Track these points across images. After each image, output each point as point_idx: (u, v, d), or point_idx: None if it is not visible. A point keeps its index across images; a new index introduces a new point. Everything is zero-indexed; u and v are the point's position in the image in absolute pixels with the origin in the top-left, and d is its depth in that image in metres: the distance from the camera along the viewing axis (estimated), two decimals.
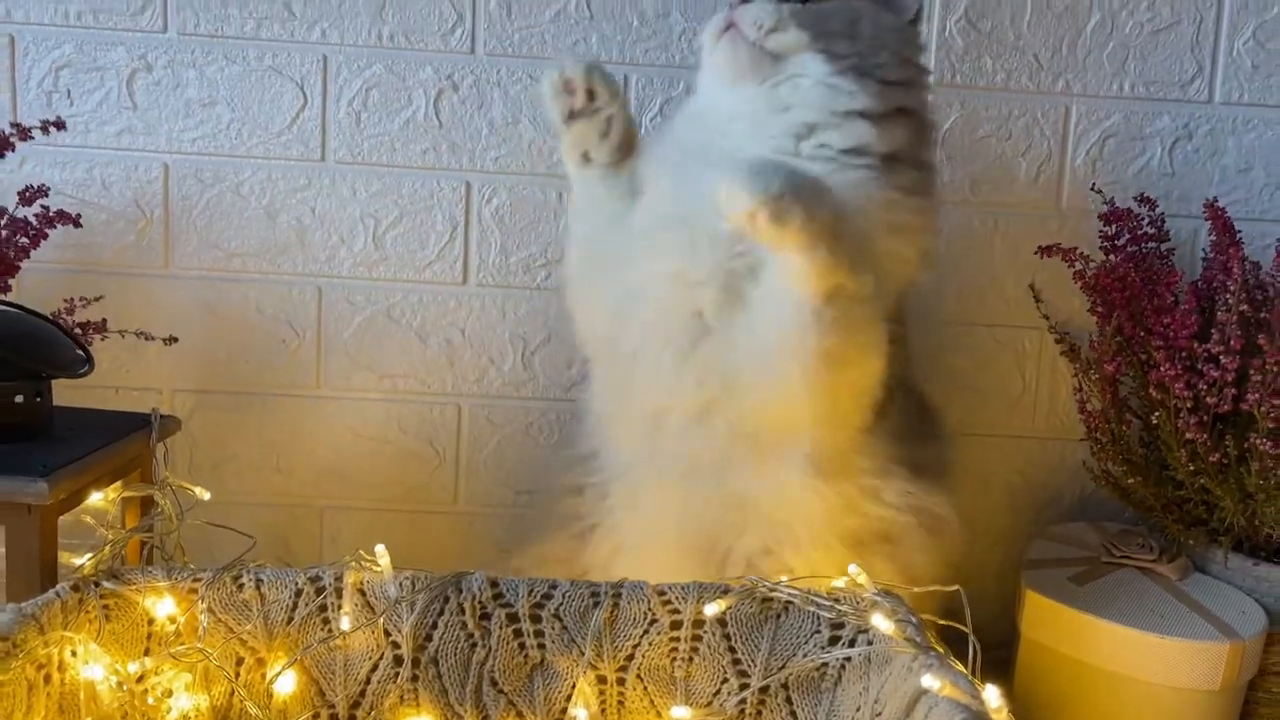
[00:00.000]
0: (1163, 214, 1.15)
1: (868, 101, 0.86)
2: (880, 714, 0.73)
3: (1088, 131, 1.22)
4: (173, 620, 0.80)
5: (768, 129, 0.88)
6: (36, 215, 0.99)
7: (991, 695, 0.63)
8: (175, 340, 1.11)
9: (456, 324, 1.24)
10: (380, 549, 0.82)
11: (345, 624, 0.80)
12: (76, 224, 1.00)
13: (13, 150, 1.03)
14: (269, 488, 1.26)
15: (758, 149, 0.87)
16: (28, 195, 1.00)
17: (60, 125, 1.05)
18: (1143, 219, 1.14)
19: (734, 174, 0.75)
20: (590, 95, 0.93)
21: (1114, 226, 1.13)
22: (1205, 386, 1.03)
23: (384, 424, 1.25)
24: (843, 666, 0.78)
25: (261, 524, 1.24)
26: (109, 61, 1.18)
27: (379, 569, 0.81)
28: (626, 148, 0.97)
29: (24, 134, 1.03)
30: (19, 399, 0.84)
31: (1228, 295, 1.03)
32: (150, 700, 0.77)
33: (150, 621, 0.79)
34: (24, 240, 0.97)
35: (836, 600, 0.79)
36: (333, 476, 1.26)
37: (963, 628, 0.77)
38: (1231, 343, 1.01)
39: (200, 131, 1.19)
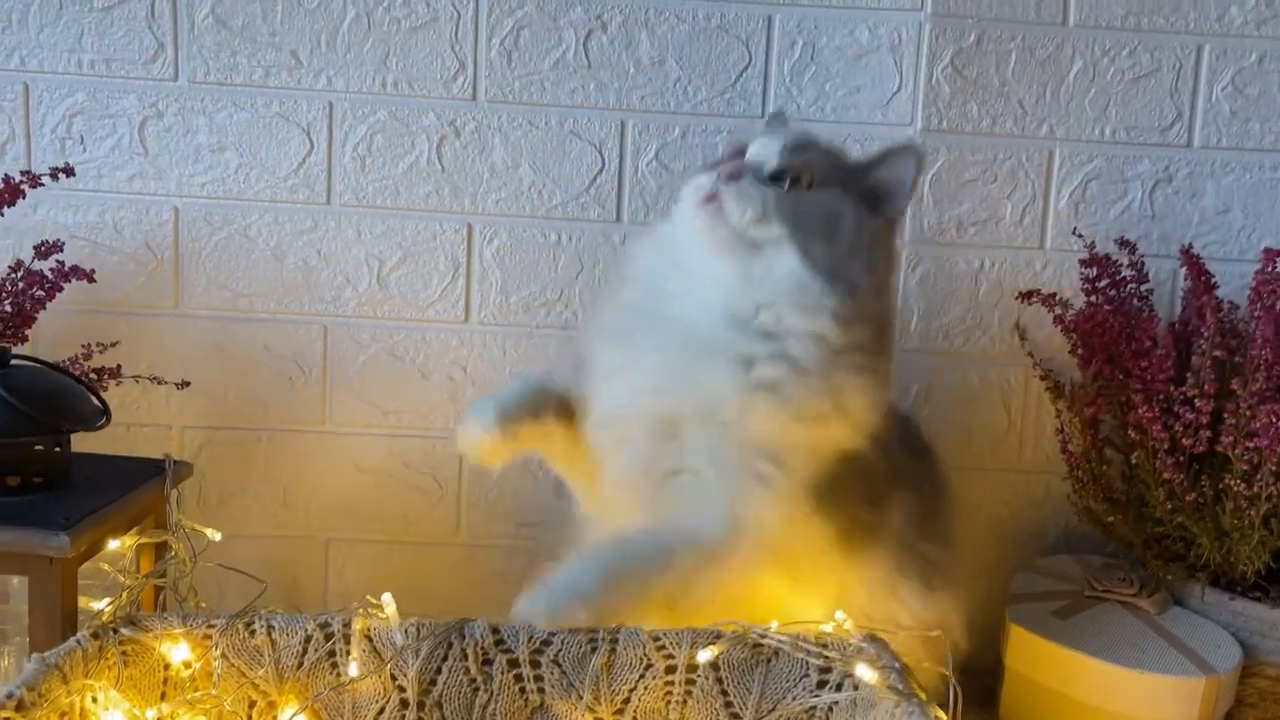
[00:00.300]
0: (1142, 257, 1.19)
1: (835, 303, 0.88)
2: None
3: (1071, 174, 1.26)
4: (188, 666, 0.83)
5: (732, 295, 0.89)
6: (52, 269, 1.02)
7: None
8: (188, 384, 1.15)
9: (459, 362, 1.28)
10: (387, 597, 0.85)
11: (353, 670, 0.83)
12: (90, 279, 1.04)
13: (24, 198, 1.07)
14: (276, 522, 1.29)
15: (718, 311, 0.89)
16: (43, 249, 1.04)
17: (69, 172, 1.08)
18: (1122, 263, 1.17)
19: (529, 601, 0.82)
20: (515, 435, 0.93)
21: (1094, 270, 1.17)
22: (1181, 428, 1.07)
23: (388, 459, 1.29)
24: (830, 710, 0.82)
25: (268, 557, 1.28)
26: (121, 109, 1.21)
27: (385, 616, 0.84)
28: (574, 430, 0.97)
29: (34, 181, 1.06)
30: (39, 448, 0.88)
31: (1201, 341, 1.06)
32: None
33: (166, 667, 0.83)
34: (39, 293, 1.00)
35: (824, 646, 0.83)
36: (338, 510, 1.29)
37: (945, 671, 0.81)
38: (1205, 387, 1.05)
39: (209, 176, 1.23)
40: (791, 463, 0.88)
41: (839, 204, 0.91)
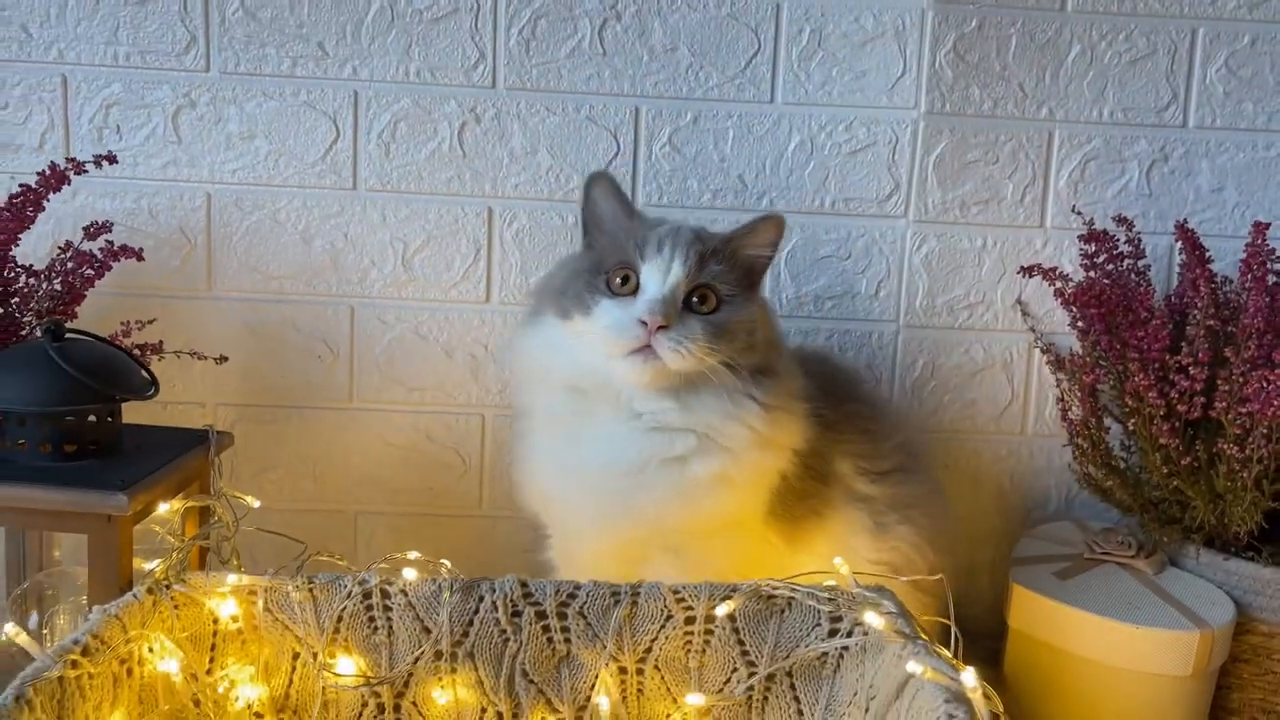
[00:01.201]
0: (1139, 233, 1.23)
1: (761, 398, 0.95)
2: (875, 697, 0.81)
3: (1070, 155, 1.30)
4: (235, 619, 0.88)
5: (664, 418, 0.95)
6: (101, 249, 1.07)
7: (968, 677, 0.71)
8: (226, 359, 1.20)
9: (480, 340, 1.33)
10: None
11: (390, 622, 0.88)
12: (140, 257, 1.09)
13: (69, 184, 1.12)
14: (306, 495, 1.34)
15: (644, 428, 0.95)
16: (92, 230, 1.09)
17: (113, 159, 1.13)
18: (1119, 239, 1.22)
19: None
20: None
21: (1093, 245, 1.21)
22: (1177, 395, 1.11)
23: (413, 434, 1.34)
24: (841, 656, 0.87)
25: (299, 529, 1.30)
26: (155, 99, 1.26)
27: (419, 571, 0.89)
28: None
29: (79, 168, 1.11)
30: (92, 419, 0.93)
31: (1196, 311, 1.11)
32: (220, 689, 0.86)
33: (216, 620, 0.88)
34: (89, 271, 1.06)
35: (834, 596, 0.88)
36: (365, 484, 1.35)
37: (946, 620, 0.85)
38: (1199, 355, 1.10)
39: (240, 163, 1.28)
40: (741, 513, 0.97)
41: (747, 311, 0.96)
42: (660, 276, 0.93)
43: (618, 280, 0.94)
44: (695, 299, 0.94)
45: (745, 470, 0.95)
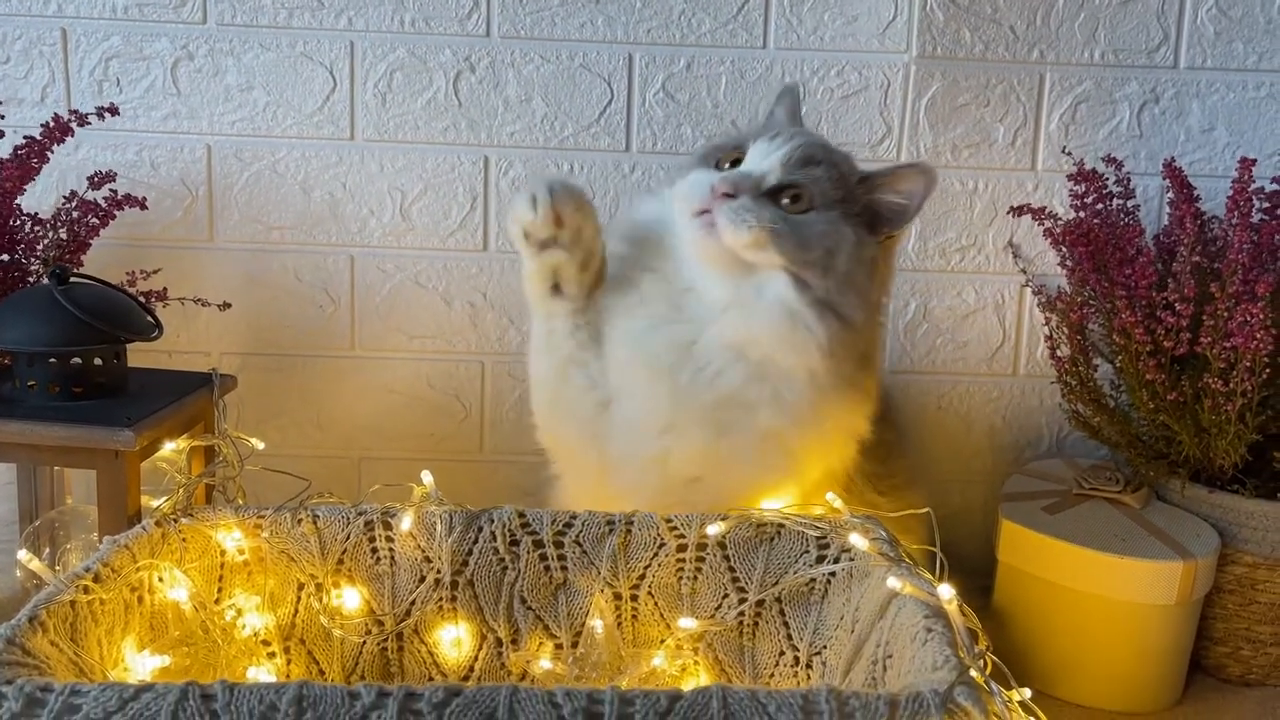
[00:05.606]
0: (1129, 173, 1.24)
1: (822, 339, 0.87)
2: (859, 620, 0.84)
3: (1061, 97, 1.31)
4: (241, 551, 0.91)
5: (725, 318, 0.90)
6: (105, 198, 1.09)
7: (945, 591, 0.74)
8: (229, 306, 1.22)
9: (478, 288, 1.35)
10: (425, 474, 0.93)
11: (393, 553, 0.91)
12: (143, 206, 1.11)
13: (72, 136, 1.13)
14: (310, 441, 1.37)
15: (716, 338, 0.90)
16: (96, 180, 1.11)
17: (114, 111, 1.15)
18: (1109, 179, 1.23)
19: None
20: (558, 221, 0.89)
21: (1083, 186, 1.22)
22: (1163, 331, 1.13)
23: (414, 381, 1.37)
24: (829, 581, 0.89)
25: (304, 474, 1.35)
26: (154, 51, 1.28)
27: (421, 504, 0.92)
28: (599, 280, 0.95)
29: (81, 120, 1.13)
30: (98, 361, 0.96)
31: (1182, 249, 1.12)
32: (228, 617, 0.89)
33: (222, 552, 0.91)
34: (94, 220, 1.08)
35: (823, 522, 0.90)
36: (368, 430, 1.37)
37: (932, 548, 0.88)
38: (1185, 291, 1.11)
39: (239, 115, 1.30)
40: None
41: (838, 231, 0.88)
42: (757, 159, 0.89)
43: (728, 163, 0.92)
44: (786, 198, 0.88)
45: (802, 445, 0.92)
